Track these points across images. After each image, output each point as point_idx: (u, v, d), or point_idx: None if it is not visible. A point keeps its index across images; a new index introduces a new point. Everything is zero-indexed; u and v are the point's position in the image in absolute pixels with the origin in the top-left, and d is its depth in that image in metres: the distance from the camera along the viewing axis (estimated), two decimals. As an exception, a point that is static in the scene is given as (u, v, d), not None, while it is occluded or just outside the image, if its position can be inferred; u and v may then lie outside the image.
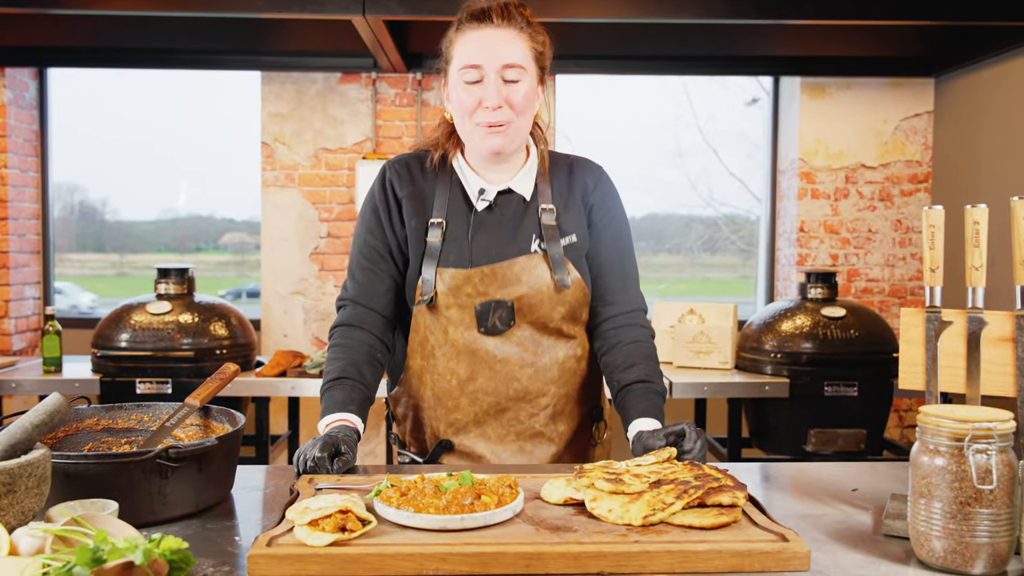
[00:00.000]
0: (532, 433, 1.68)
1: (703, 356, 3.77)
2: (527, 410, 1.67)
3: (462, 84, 1.61)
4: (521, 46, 1.62)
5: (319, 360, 3.58)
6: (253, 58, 4.35)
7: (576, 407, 1.73)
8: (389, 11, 3.31)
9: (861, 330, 3.59)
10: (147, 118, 5.01)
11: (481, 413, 1.67)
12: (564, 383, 1.69)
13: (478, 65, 1.59)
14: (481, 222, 1.68)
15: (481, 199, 1.68)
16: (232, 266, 5.36)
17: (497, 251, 1.65)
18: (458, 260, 1.65)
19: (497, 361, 1.65)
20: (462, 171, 1.72)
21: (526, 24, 1.64)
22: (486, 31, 1.61)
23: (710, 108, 5.25)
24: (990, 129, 4.02)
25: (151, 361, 3.48)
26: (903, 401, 4.54)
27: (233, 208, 5.24)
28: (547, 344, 1.67)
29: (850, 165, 4.52)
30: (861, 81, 4.50)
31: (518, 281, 1.64)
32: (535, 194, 1.70)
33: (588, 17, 3.47)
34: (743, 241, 5.44)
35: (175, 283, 3.65)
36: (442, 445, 1.69)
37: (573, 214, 1.70)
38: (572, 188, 1.73)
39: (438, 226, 1.66)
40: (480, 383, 1.66)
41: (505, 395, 1.66)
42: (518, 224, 1.68)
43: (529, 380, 1.66)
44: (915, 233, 4.55)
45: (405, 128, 4.43)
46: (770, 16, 3.49)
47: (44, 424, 1.15)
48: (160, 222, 5.28)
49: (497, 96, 1.59)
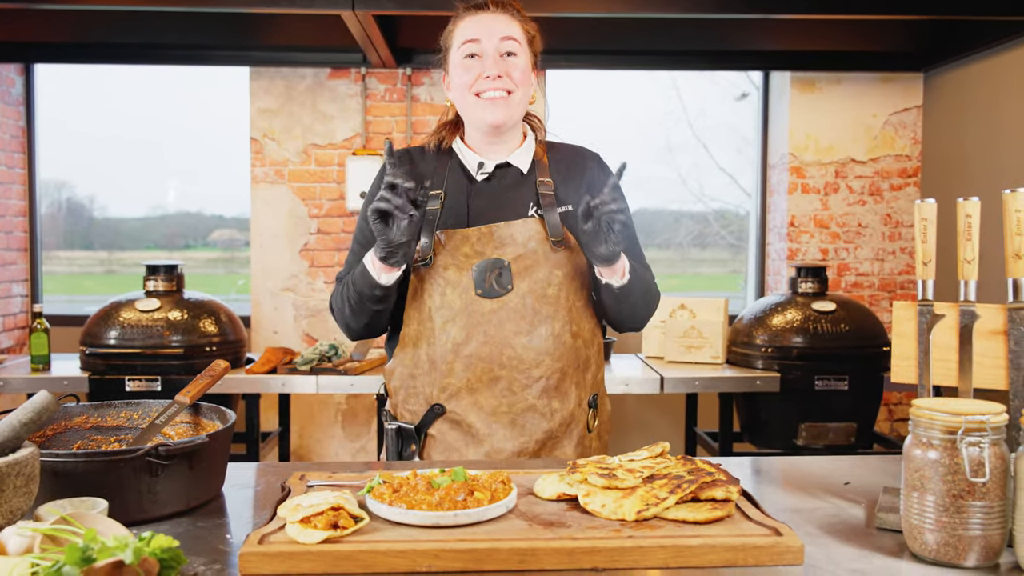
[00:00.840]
0: (525, 406, 1.67)
1: (694, 351, 3.78)
2: (520, 381, 1.66)
3: (462, 61, 1.71)
4: (516, 27, 1.74)
5: (310, 357, 3.57)
6: (242, 53, 4.32)
7: (572, 387, 1.72)
8: (379, 6, 3.29)
9: (851, 324, 3.60)
10: (135, 114, 4.97)
11: (474, 379, 1.66)
12: (559, 357, 1.69)
13: (476, 39, 1.70)
14: (479, 191, 1.76)
15: (480, 172, 1.76)
16: (222, 263, 5.33)
17: (494, 214, 1.72)
18: (456, 222, 1.72)
19: (492, 325, 1.66)
20: (461, 151, 1.81)
21: (517, 12, 1.77)
22: (483, 15, 1.73)
23: (700, 103, 5.25)
24: (979, 123, 4.03)
25: (140, 358, 3.45)
26: (893, 395, 4.55)
27: (222, 205, 5.22)
28: (544, 314, 1.68)
29: (840, 160, 4.53)
30: (851, 76, 4.50)
31: (514, 241, 1.68)
32: (532, 168, 1.79)
33: (579, 12, 3.46)
34: (733, 236, 5.44)
35: (164, 280, 3.63)
36: (434, 410, 1.69)
37: (571, 190, 1.77)
38: (572, 169, 1.80)
39: (436, 197, 1.73)
40: (474, 347, 1.65)
41: (498, 361, 1.66)
42: (516, 192, 1.75)
43: (523, 349, 1.66)
44: (905, 227, 4.56)
45: (395, 123, 4.41)
46: (760, 10, 3.49)
47: (32, 422, 1.14)
48: (149, 219, 5.25)
49: (496, 66, 1.69)
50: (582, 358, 1.74)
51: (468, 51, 1.71)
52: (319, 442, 4.50)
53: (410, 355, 1.72)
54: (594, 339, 1.79)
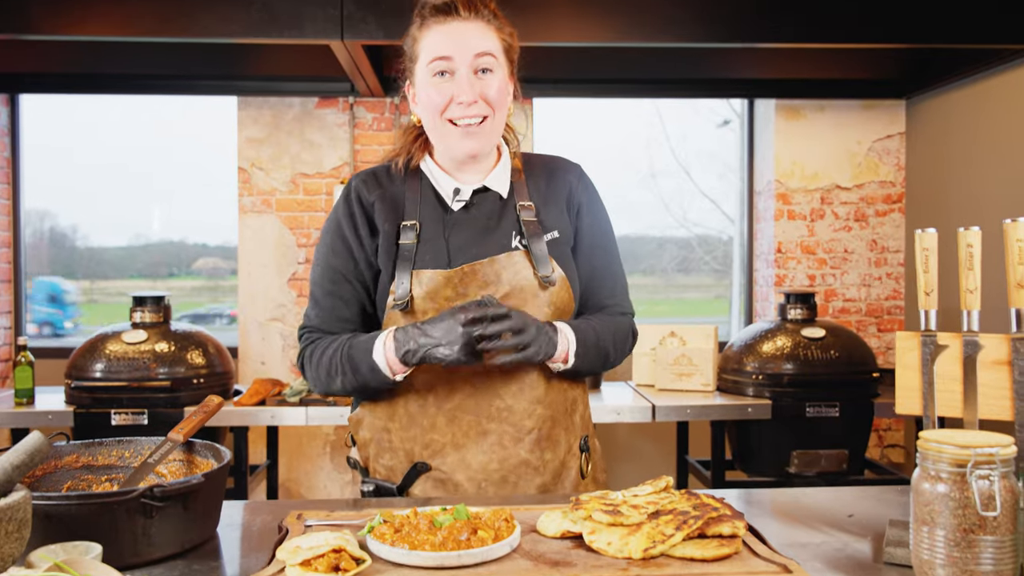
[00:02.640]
0: (517, 461, 1.55)
1: (685, 378, 3.76)
2: (511, 434, 1.54)
3: (431, 79, 1.54)
4: (491, 37, 1.56)
5: (299, 388, 3.53)
6: (229, 83, 4.31)
7: (562, 433, 1.61)
8: (368, 35, 3.30)
9: (841, 350, 3.60)
10: (120, 143, 4.95)
11: (460, 435, 1.54)
12: (551, 404, 1.58)
13: (448, 56, 1.52)
14: (456, 222, 1.60)
15: (457, 199, 1.61)
16: (206, 292, 5.29)
17: (476, 250, 1.56)
18: (435, 261, 1.56)
19: (478, 375, 1.53)
20: (432, 173, 1.64)
21: (493, 16, 1.58)
22: (453, 24, 1.54)
23: (682, 129, 5.29)
24: (961, 149, 4.07)
25: (126, 391, 3.40)
26: (882, 421, 4.55)
27: (206, 233, 5.18)
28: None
29: (825, 186, 4.57)
30: (834, 103, 4.55)
31: (499, 280, 1.54)
32: (511, 192, 1.64)
33: (567, 41, 3.48)
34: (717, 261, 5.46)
35: (151, 311, 3.58)
36: (417, 468, 1.56)
37: (554, 211, 1.63)
38: (553, 186, 1.66)
39: (411, 228, 1.57)
40: (459, 400, 1.54)
41: (487, 414, 1.54)
42: (496, 221, 1.60)
43: (513, 398, 1.54)
44: (890, 253, 4.59)
45: (383, 152, 4.39)
46: (746, 40, 3.52)
47: (24, 465, 1.11)
48: (132, 248, 5.21)
49: (470, 90, 1.52)
50: (569, 400, 1.64)
51: (438, 68, 1.53)
52: (307, 475, 4.45)
53: (383, 406, 1.60)
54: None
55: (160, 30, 3.36)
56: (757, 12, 3.46)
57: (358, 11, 3.30)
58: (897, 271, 4.59)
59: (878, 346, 4.55)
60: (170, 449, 1.48)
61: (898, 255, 4.59)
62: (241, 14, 3.29)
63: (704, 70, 4.46)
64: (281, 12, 3.26)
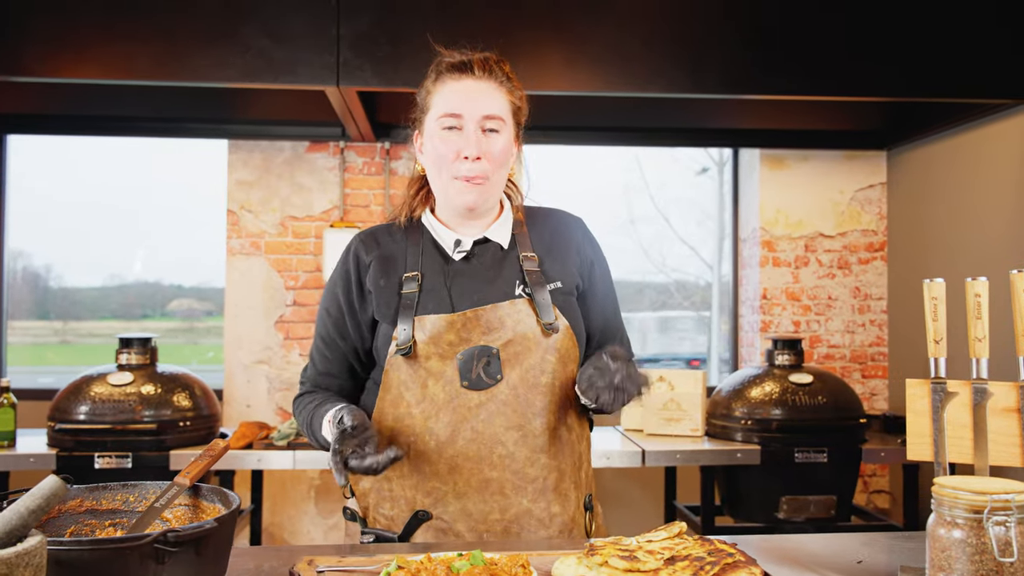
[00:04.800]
0: (519, 511, 1.54)
1: (673, 423, 3.77)
2: (513, 482, 1.53)
3: (440, 133, 1.59)
4: (501, 99, 1.62)
5: (286, 432, 3.50)
6: (220, 127, 4.34)
7: (572, 488, 1.60)
8: (364, 82, 3.34)
9: (828, 396, 3.64)
10: (101, 182, 4.93)
11: (462, 483, 1.53)
12: (556, 455, 1.57)
13: (458, 114, 1.58)
14: (458, 271, 1.62)
15: (458, 251, 1.63)
16: (181, 333, 5.24)
17: (479, 296, 1.58)
18: (437, 307, 1.58)
19: (480, 420, 1.53)
20: (432, 226, 1.67)
21: (506, 79, 1.64)
22: (467, 82, 1.60)
23: (661, 177, 5.37)
24: (942, 200, 4.17)
25: (111, 434, 3.36)
26: (867, 467, 4.58)
27: (182, 274, 5.15)
28: (538, 405, 1.55)
29: (809, 234, 4.64)
30: (818, 153, 4.65)
31: (502, 326, 1.55)
32: (513, 243, 1.66)
33: (559, 90, 3.54)
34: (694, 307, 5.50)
35: (137, 353, 3.55)
36: (419, 516, 1.55)
37: (557, 262, 1.65)
38: (557, 238, 1.69)
39: (413, 279, 1.60)
40: (460, 446, 1.53)
41: (488, 461, 1.53)
42: (498, 271, 1.62)
43: (516, 445, 1.53)
44: (873, 300, 4.65)
45: (373, 196, 4.43)
46: (734, 91, 3.60)
47: (40, 509, 1.09)
48: (106, 288, 5.16)
49: (476, 147, 1.57)
50: (576, 455, 1.63)
51: (447, 124, 1.59)
52: (291, 519, 4.38)
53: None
54: (583, 432, 1.68)
55: (154, 74, 3.37)
56: (744, 64, 3.55)
57: (355, 58, 3.34)
58: (880, 318, 4.65)
59: (862, 392, 4.59)
60: (177, 493, 1.46)
61: (881, 302, 4.65)
62: (236, 59, 3.32)
63: (690, 119, 4.55)
64: (276, 58, 3.29)
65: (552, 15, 3.46)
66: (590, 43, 3.50)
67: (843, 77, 3.57)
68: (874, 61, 3.54)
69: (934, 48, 3.56)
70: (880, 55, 3.54)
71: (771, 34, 3.54)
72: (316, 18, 3.31)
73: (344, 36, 3.33)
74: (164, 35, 3.28)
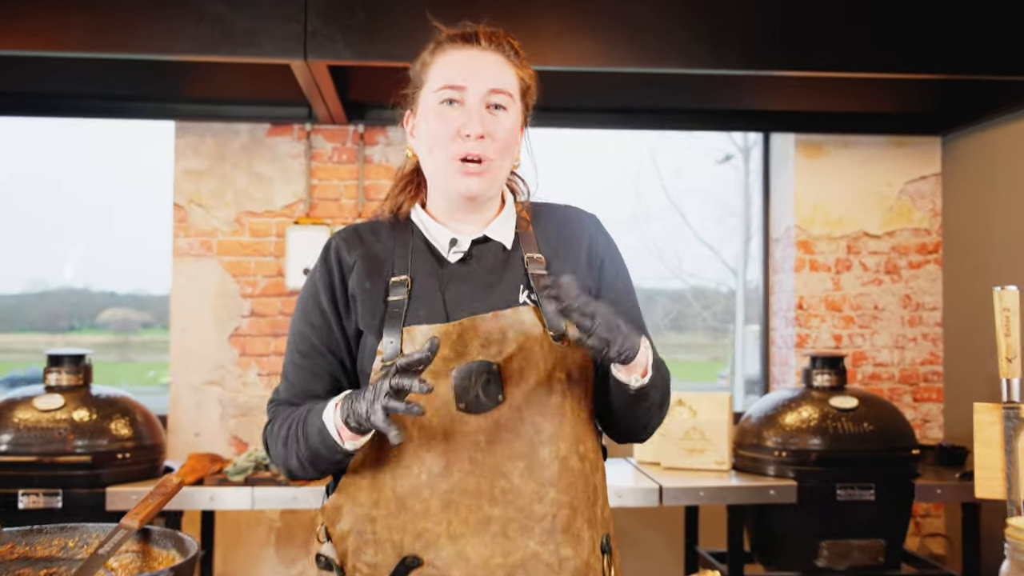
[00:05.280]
0: (526, 555, 1.51)
1: (696, 455, 3.79)
2: (518, 521, 1.51)
3: (436, 107, 1.59)
4: (510, 73, 1.63)
5: (244, 465, 3.50)
6: (165, 105, 4.34)
7: (585, 527, 1.58)
8: (335, 55, 3.35)
9: (875, 423, 3.65)
10: (15, 170, 4.88)
11: (458, 522, 1.51)
12: (567, 487, 1.55)
13: (461, 86, 1.58)
14: (454, 276, 1.62)
15: (453, 251, 1.63)
16: (114, 348, 5.22)
17: (477, 305, 1.58)
18: (430, 316, 1.57)
19: (480, 450, 1.52)
20: (423, 224, 1.67)
21: (514, 53, 1.65)
22: (472, 52, 1.61)
23: (676, 165, 5.34)
24: (1005, 194, 4.20)
25: (37, 468, 3.35)
26: (919, 506, 4.60)
27: (115, 279, 5.11)
28: (547, 431, 1.54)
29: (852, 233, 4.67)
30: (861, 139, 4.67)
31: (504, 337, 1.54)
32: (517, 242, 1.67)
33: (563, 65, 3.56)
34: (715, 318, 5.50)
35: (69, 372, 3.55)
36: (406, 563, 1.52)
37: (567, 264, 1.65)
38: (566, 237, 1.70)
39: (401, 284, 1.59)
40: (457, 479, 1.51)
41: (489, 496, 1.51)
42: (500, 275, 1.62)
43: (521, 478, 1.52)
44: (926, 311, 4.68)
45: (344, 188, 4.44)
46: (760, 67, 3.62)
47: (-30, 557, 1.10)
48: (26, 296, 5.13)
49: (479, 123, 1.57)
50: (591, 488, 1.61)
51: (447, 96, 1.59)
52: (248, 567, 4.38)
53: (366, 491, 1.57)
54: (598, 461, 1.67)
55: (92, 44, 3.38)
56: (776, 38, 3.57)
57: (324, 27, 3.35)
58: (934, 332, 4.68)
59: (914, 418, 4.62)
60: (124, 538, 1.46)
61: (935, 313, 4.68)
62: (189, 28, 3.33)
63: (711, 100, 4.57)
64: (236, 27, 3.31)
65: (553, -22, 3.49)
66: (592, 10, 3.52)
67: (889, 51, 3.60)
68: (926, 32, 3.57)
69: (996, 17, 3.58)
70: (933, 25, 3.56)
71: (803, 2, 3.56)
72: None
73: (312, 2, 3.35)
74: (105, 1, 3.28)
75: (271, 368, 4.38)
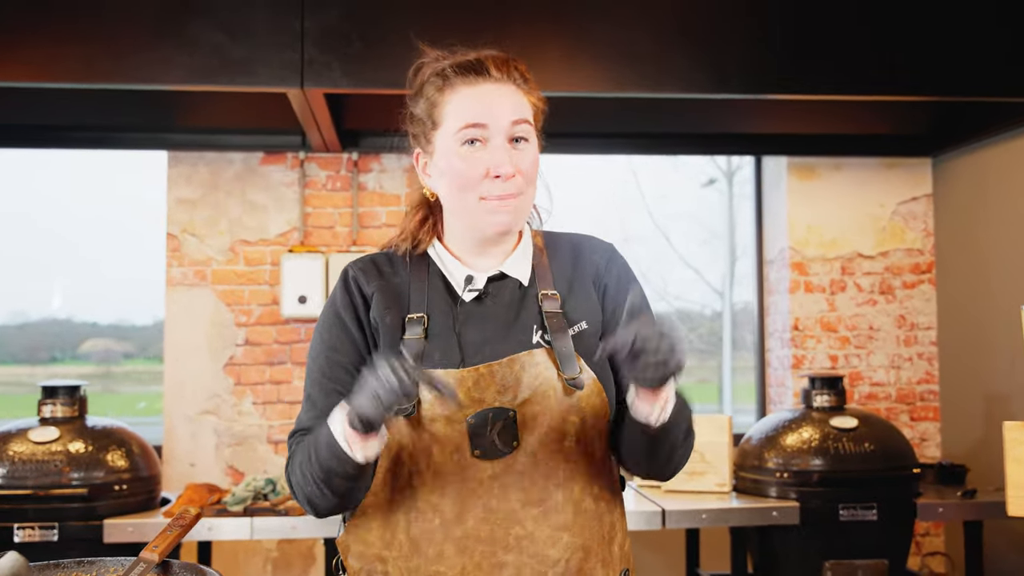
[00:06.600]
0: None
1: (696, 478, 3.78)
2: (531, 567, 1.51)
3: (459, 150, 1.55)
4: (524, 103, 1.59)
5: (243, 495, 3.47)
6: (158, 136, 4.33)
7: (598, 567, 1.57)
8: (332, 83, 3.36)
9: (876, 443, 3.66)
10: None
11: (471, 567, 1.50)
12: (581, 531, 1.55)
13: (483, 124, 1.54)
14: (470, 315, 1.59)
15: (469, 289, 1.60)
16: (97, 379, 5.19)
17: (492, 348, 1.54)
18: (445, 359, 1.53)
19: (494, 496, 1.51)
20: (440, 259, 1.64)
21: (523, 80, 1.62)
22: (485, 87, 1.57)
23: (660, 189, 5.40)
24: (996, 214, 4.24)
25: (32, 501, 3.32)
26: (919, 525, 4.60)
27: (96, 310, 5.09)
28: (561, 475, 1.53)
29: (846, 254, 4.70)
30: (853, 161, 4.72)
31: (519, 383, 1.51)
32: (533, 278, 1.64)
33: (557, 91, 3.57)
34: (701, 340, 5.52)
35: (64, 404, 3.53)
36: None
37: (580, 298, 1.63)
38: (579, 269, 1.67)
39: (418, 322, 1.56)
40: (471, 526, 1.51)
41: (503, 543, 1.51)
42: (515, 314, 1.59)
43: (535, 524, 1.51)
44: (921, 330, 4.71)
45: (339, 216, 4.43)
46: (758, 91, 3.65)
47: (-1, 593, 1.08)
48: (6, 328, 5.11)
49: (509, 162, 1.53)
50: (606, 526, 1.60)
51: (469, 136, 1.54)
52: (243, 599, 4.33)
53: (377, 531, 1.56)
54: (615, 498, 1.65)
55: (85, 75, 3.38)
56: (770, 61, 3.60)
57: (321, 55, 3.36)
58: (929, 351, 4.70)
59: (912, 437, 4.63)
60: (144, 571, 1.45)
61: (929, 332, 4.71)
62: (184, 57, 3.33)
63: (704, 123, 4.60)
64: (232, 55, 3.31)
65: (551, 4, 3.52)
66: (593, 37, 3.54)
67: (881, 74, 3.64)
68: (917, 55, 3.61)
69: (986, 40, 3.63)
70: (924, 48, 3.60)
71: (800, 27, 3.60)
72: (277, 10, 3.34)
73: (309, 31, 3.36)
74: (98, 31, 3.29)
75: (266, 397, 4.36)
